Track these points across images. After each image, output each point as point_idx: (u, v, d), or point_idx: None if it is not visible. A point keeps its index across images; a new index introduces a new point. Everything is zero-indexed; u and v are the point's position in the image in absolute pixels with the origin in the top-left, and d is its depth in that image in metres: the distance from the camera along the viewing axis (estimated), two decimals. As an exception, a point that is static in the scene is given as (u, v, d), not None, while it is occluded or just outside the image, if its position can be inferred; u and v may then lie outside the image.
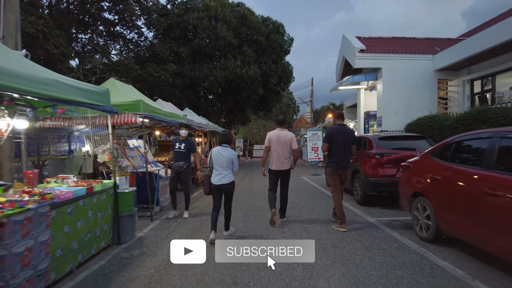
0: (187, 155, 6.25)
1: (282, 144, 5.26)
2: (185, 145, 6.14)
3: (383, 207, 6.64)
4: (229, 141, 4.67)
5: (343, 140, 5.01)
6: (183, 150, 6.12)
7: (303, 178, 12.19)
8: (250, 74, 18.11)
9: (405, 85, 12.61)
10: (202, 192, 9.30)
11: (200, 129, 10.83)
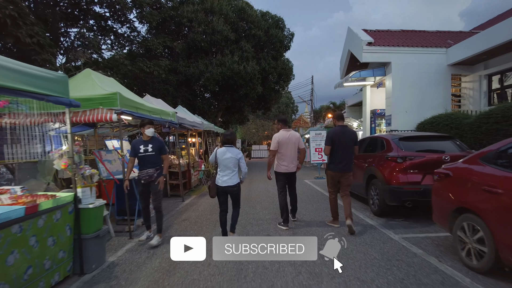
0: (158, 159, 4.70)
1: (292, 146, 5.18)
2: (154, 146, 4.64)
3: (405, 219, 5.66)
4: (232, 141, 4.50)
5: (345, 142, 4.94)
6: (151, 153, 4.63)
7: (306, 182, 11.21)
8: (249, 71, 17.10)
9: (416, 80, 11.67)
10: (194, 199, 8.30)
11: (194, 128, 9.83)
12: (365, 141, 7.28)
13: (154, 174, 4.60)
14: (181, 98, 17.39)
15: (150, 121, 4.85)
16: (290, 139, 5.19)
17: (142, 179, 4.60)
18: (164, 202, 7.96)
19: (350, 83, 13.43)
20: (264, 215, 6.23)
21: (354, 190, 7.30)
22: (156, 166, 4.66)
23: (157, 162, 4.68)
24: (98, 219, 3.71)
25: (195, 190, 9.69)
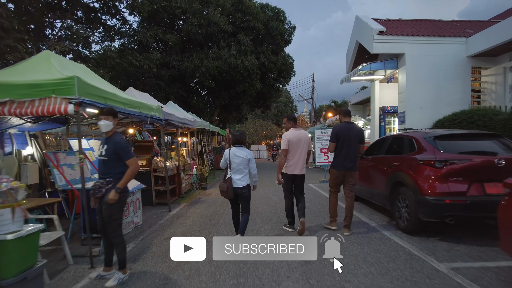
0: (110, 167, 3.31)
1: (303, 146, 4.83)
2: (108, 148, 3.30)
3: (443, 239, 4.51)
4: (243, 141, 4.34)
5: (350, 139, 4.73)
6: (103, 158, 3.33)
7: (311, 186, 10.05)
8: (247, 65, 15.94)
9: (432, 74, 10.54)
10: (184, 208, 7.12)
11: (185, 126, 8.66)
12: (386, 141, 6.12)
13: (103, 188, 3.23)
14: (174, 95, 16.22)
15: (109, 111, 3.47)
16: (301, 139, 4.81)
17: (91, 194, 3.30)
18: (148, 212, 6.88)
19: (358, 77, 12.28)
20: (266, 232, 5.06)
21: (372, 198, 6.16)
22: (107, 176, 3.29)
23: (108, 171, 3.31)
24: (26, 254, 2.55)
25: (186, 197, 8.51)
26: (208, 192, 9.36)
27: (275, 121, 58.63)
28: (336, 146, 4.81)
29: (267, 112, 52.61)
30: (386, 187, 5.39)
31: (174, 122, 7.61)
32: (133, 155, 3.39)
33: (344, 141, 4.72)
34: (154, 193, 7.51)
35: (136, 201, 5.63)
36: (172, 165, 7.91)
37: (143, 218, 6.15)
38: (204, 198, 8.30)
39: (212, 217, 6.19)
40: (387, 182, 5.37)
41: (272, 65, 18.18)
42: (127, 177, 3.28)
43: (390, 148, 5.79)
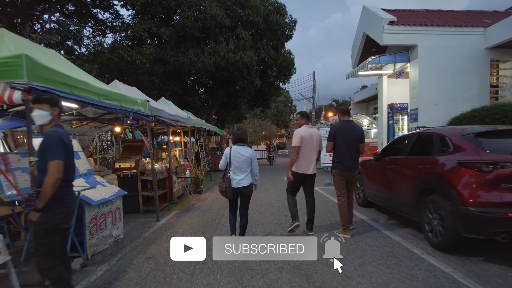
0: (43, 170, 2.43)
1: (313, 144, 4.63)
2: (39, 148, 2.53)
3: (489, 259, 3.66)
4: (245, 139, 4.25)
5: (348, 138, 4.57)
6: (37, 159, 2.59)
7: (316, 190, 9.17)
8: (246, 61, 15.07)
9: (446, 67, 9.73)
10: (175, 216, 6.25)
11: (178, 124, 7.79)
12: (408, 140, 5.25)
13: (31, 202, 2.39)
14: (169, 92, 15.34)
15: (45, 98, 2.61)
16: (313, 137, 4.62)
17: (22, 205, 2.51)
18: (132, 222, 6.00)
19: (365, 71, 11.44)
20: (270, 249, 4.21)
21: (392, 206, 5.31)
22: (40, 185, 2.44)
23: (40, 177, 2.49)
24: None
25: (178, 203, 7.64)
26: (204, 196, 8.49)
27: (274, 121, 57.86)
28: (334, 146, 4.67)
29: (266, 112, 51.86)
30: (411, 194, 4.54)
31: (164, 119, 6.74)
32: (59, 157, 2.42)
33: (343, 140, 4.56)
34: (141, 199, 6.63)
35: (116, 211, 4.76)
36: (162, 168, 7.04)
37: (126, 230, 5.29)
38: (199, 204, 7.43)
39: (206, 228, 5.33)
40: (412, 188, 4.52)
41: (272, 61, 17.30)
42: (44, 191, 2.34)
43: (414, 147, 4.93)
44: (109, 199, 4.48)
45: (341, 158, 4.60)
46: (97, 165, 9.05)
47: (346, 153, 4.57)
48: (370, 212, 6.25)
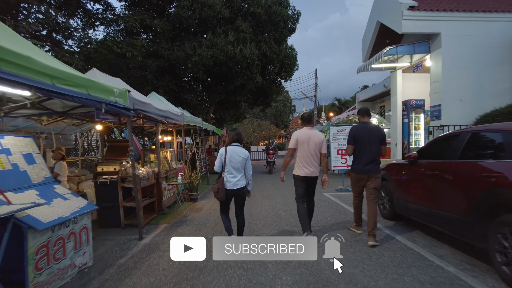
0: None
1: (312, 146, 4.45)
2: None
3: None
4: (240, 140, 4.19)
5: (369, 140, 4.35)
6: None
7: (326, 196, 8.09)
8: (246, 55, 13.94)
9: (474, 58, 8.66)
10: (162, 233, 5.09)
11: (169, 121, 6.67)
12: (457, 139, 4.13)
13: None
14: (163, 89, 14.20)
15: None
16: (311, 138, 4.49)
17: None
18: (109, 241, 4.83)
19: (379, 64, 10.34)
20: (278, 277, 3.13)
21: (437, 223, 4.19)
22: None
23: None
24: None
25: (168, 214, 6.50)
26: (199, 205, 7.36)
27: (274, 121, 56.79)
28: (355, 148, 4.48)
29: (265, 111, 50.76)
30: (467, 209, 3.45)
31: (151, 115, 5.60)
32: None
33: (363, 142, 4.39)
34: (123, 210, 5.49)
35: (81, 232, 3.62)
36: (149, 173, 5.90)
37: (98, 253, 4.17)
38: (192, 216, 6.29)
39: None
40: (470, 202, 3.42)
41: (274, 56, 16.17)
42: None
43: (469, 149, 3.82)
44: (69, 217, 3.35)
45: (362, 161, 4.39)
46: (78, 168, 7.92)
47: (367, 155, 4.37)
48: (401, 227, 5.14)
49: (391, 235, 4.74)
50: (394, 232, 4.85)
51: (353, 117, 14.70)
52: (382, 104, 20.03)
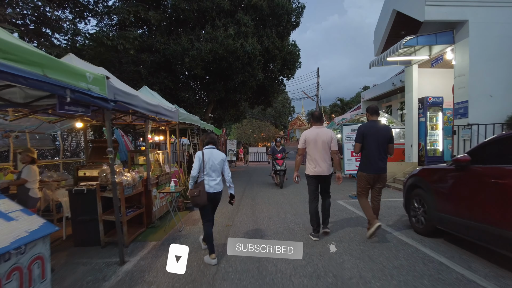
0: None
1: (320, 144, 4.52)
2: None
3: None
4: (215, 142, 4.09)
5: (377, 139, 4.39)
6: None
7: (340, 204, 7.14)
8: (248, 49, 12.98)
9: (506, 49, 7.74)
10: (150, 255, 4.07)
11: (160, 118, 5.68)
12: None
13: None
14: (158, 86, 13.20)
15: None
16: (319, 137, 4.51)
17: None
18: (82, 267, 3.76)
19: (394, 57, 9.40)
20: None
21: (497, 244, 3.23)
22: None
23: None
24: None
25: (159, 228, 5.50)
26: (195, 215, 6.37)
27: (273, 121, 55.87)
28: (363, 147, 4.51)
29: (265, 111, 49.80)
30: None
31: (138, 109, 4.63)
32: None
33: (372, 141, 4.41)
34: (103, 226, 4.50)
35: (32, 266, 2.63)
36: (135, 179, 4.92)
37: (63, 287, 3.17)
38: (188, 230, 5.30)
39: (200, 283, 3.22)
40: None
41: (277, 51, 15.20)
42: None
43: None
44: (10, 249, 2.36)
45: (370, 160, 4.44)
46: (56, 173, 6.91)
47: (375, 154, 4.39)
48: (443, 246, 4.17)
49: (433, 256, 3.78)
50: (436, 253, 3.87)
51: (361, 116, 13.73)
52: (389, 104, 19.15)
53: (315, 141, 4.53)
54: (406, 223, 5.37)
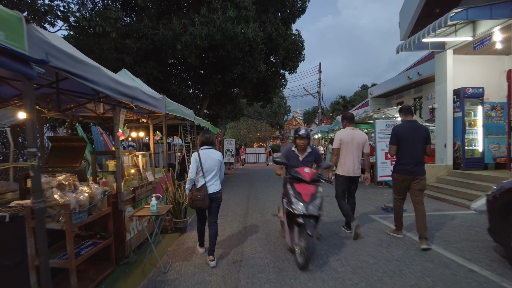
0: None
1: (355, 146, 4.59)
2: None
3: None
4: (212, 141, 3.88)
5: (414, 140, 4.20)
6: None
7: (372, 218, 5.52)
8: (249, 36, 11.28)
9: None
10: None
11: (139, 106, 3.99)
12: None
13: None
14: (146, 77, 11.44)
15: None
16: (354, 138, 4.59)
17: None
18: None
19: (431, 38, 7.77)
20: None
21: None
22: None
23: None
24: None
25: (135, 265, 3.77)
26: (189, 240, 4.67)
27: (269, 121, 54.25)
28: (398, 148, 4.29)
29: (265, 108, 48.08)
30: None
31: (100, 88, 2.93)
32: None
33: (407, 142, 4.20)
34: (36, 274, 2.77)
35: None
36: (95, 196, 3.20)
37: None
38: (177, 270, 3.59)
39: None
40: None
41: (281, 40, 13.52)
42: None
43: None
44: None
45: (406, 161, 4.22)
46: (4, 182, 5.14)
47: (411, 156, 4.18)
48: None
49: None
50: None
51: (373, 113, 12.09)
52: (400, 100, 17.63)
53: (351, 143, 4.59)
54: (489, 253, 3.76)
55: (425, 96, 15.10)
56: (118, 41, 10.59)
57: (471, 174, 7.70)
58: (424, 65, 13.11)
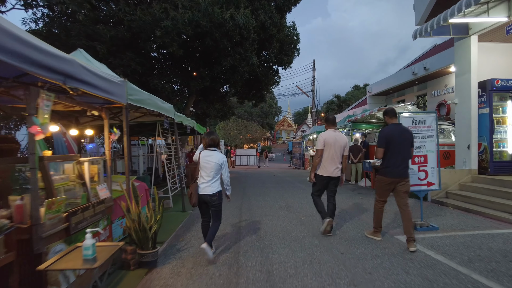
0: None
1: (338, 148, 4.71)
2: None
3: None
4: (217, 143, 3.91)
5: (400, 143, 4.26)
6: None
7: (401, 242, 4.21)
8: (240, 22, 9.94)
9: None
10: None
11: (78, 89, 2.59)
12: None
13: None
14: (122, 69, 9.97)
15: None
16: (337, 141, 4.71)
17: None
18: None
19: (458, 18, 6.53)
20: None
21: None
22: None
23: None
24: None
25: None
26: (158, 279, 3.26)
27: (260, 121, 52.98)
28: (386, 151, 4.28)
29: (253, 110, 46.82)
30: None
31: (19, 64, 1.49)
32: None
33: (396, 145, 4.24)
34: None
35: None
36: None
37: None
38: None
39: None
40: None
41: (275, 30, 12.21)
42: None
43: None
44: None
45: (394, 164, 4.24)
46: None
47: (399, 158, 4.23)
48: None
49: None
50: None
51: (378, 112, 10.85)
52: (402, 98, 16.53)
53: (334, 145, 4.67)
54: None
55: (429, 94, 14.00)
56: (88, 26, 9.10)
57: (504, 180, 6.50)
58: (432, 58, 11.98)
